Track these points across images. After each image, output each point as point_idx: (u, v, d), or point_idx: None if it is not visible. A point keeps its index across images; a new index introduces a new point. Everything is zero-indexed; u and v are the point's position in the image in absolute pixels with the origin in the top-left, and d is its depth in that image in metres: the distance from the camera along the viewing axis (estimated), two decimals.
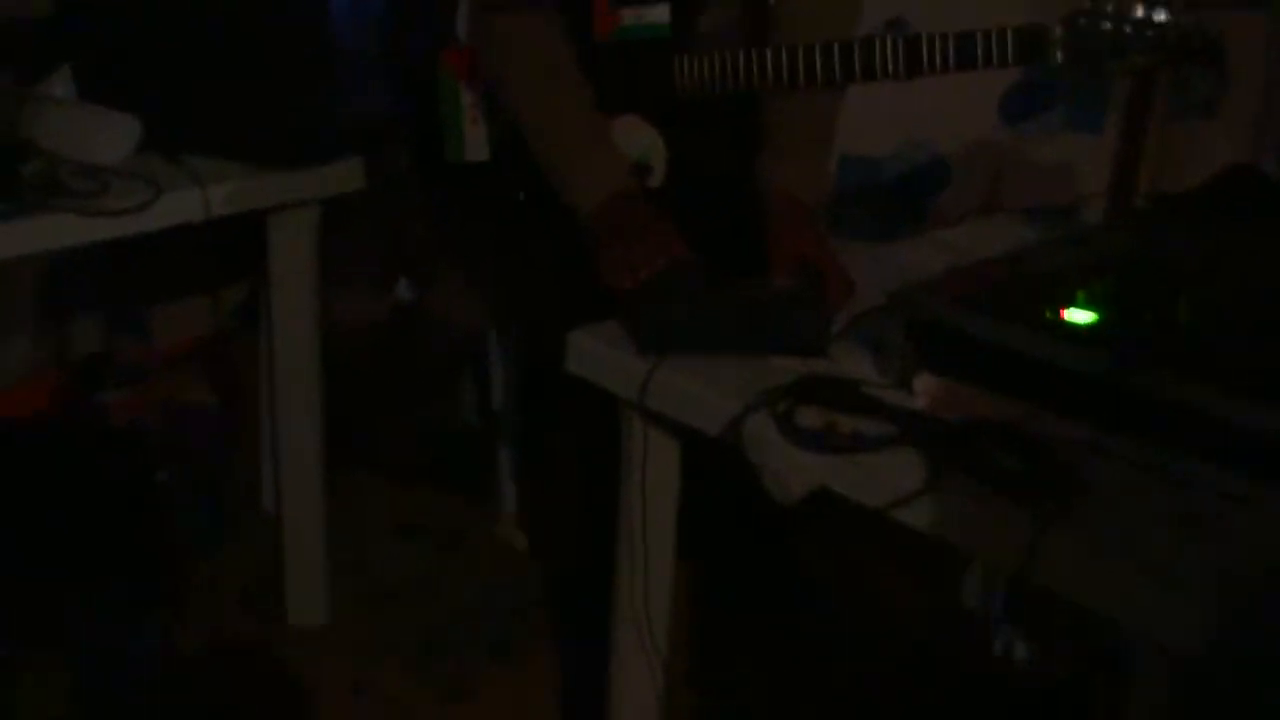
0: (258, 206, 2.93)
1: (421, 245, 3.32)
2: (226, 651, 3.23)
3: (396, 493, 3.80)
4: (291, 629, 3.32)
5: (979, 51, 2.45)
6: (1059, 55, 2.41)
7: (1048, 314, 2.11)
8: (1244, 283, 2.25)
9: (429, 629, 3.32)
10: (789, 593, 3.15)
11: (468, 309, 3.36)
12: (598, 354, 2.32)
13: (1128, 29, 2.36)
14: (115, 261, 3.72)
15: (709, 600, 3.01)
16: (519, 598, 3.36)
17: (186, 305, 3.93)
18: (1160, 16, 2.37)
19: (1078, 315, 2.11)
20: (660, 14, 2.66)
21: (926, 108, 2.68)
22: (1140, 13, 2.37)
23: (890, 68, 2.50)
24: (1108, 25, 2.37)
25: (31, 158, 2.69)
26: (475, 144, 2.85)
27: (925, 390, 2.11)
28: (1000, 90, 4.04)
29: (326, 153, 2.95)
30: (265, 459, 3.49)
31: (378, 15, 3.39)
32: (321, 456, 3.23)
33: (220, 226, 2.86)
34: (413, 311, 3.40)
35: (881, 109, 3.15)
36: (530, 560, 3.49)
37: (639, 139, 2.69)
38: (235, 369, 3.73)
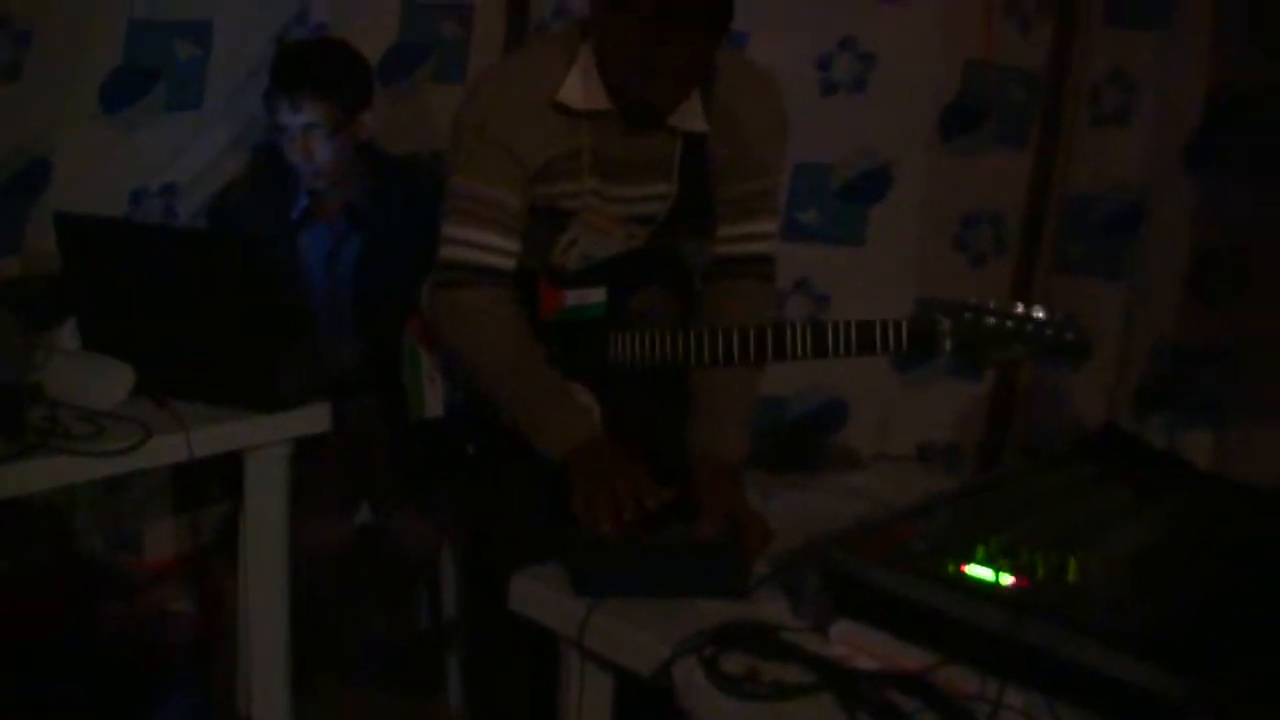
0: (234, 448, 2.82)
1: (383, 478, 3.19)
2: None
3: (358, 695, 3.59)
4: None
5: (877, 339, 2.40)
6: (948, 345, 2.36)
7: (950, 569, 1.99)
8: (1121, 543, 2.14)
9: None
10: None
11: (423, 534, 3.24)
12: (538, 595, 2.21)
13: (1009, 324, 2.31)
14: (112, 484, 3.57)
15: None
16: None
17: (175, 523, 3.76)
18: (1038, 314, 2.32)
19: (978, 571, 1.99)
20: (599, 295, 2.63)
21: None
22: (1020, 309, 2.33)
23: (800, 350, 2.46)
24: (991, 320, 2.31)
25: (36, 402, 2.61)
26: (432, 402, 2.78)
27: (841, 637, 1.98)
28: None
29: (296, 400, 2.83)
30: (240, 665, 3.29)
31: (349, 278, 3.27)
32: (289, 663, 3.07)
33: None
34: (373, 534, 3.26)
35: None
36: None
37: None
38: (216, 582, 3.55)
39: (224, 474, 3.07)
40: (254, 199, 3.36)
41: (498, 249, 2.54)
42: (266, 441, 2.84)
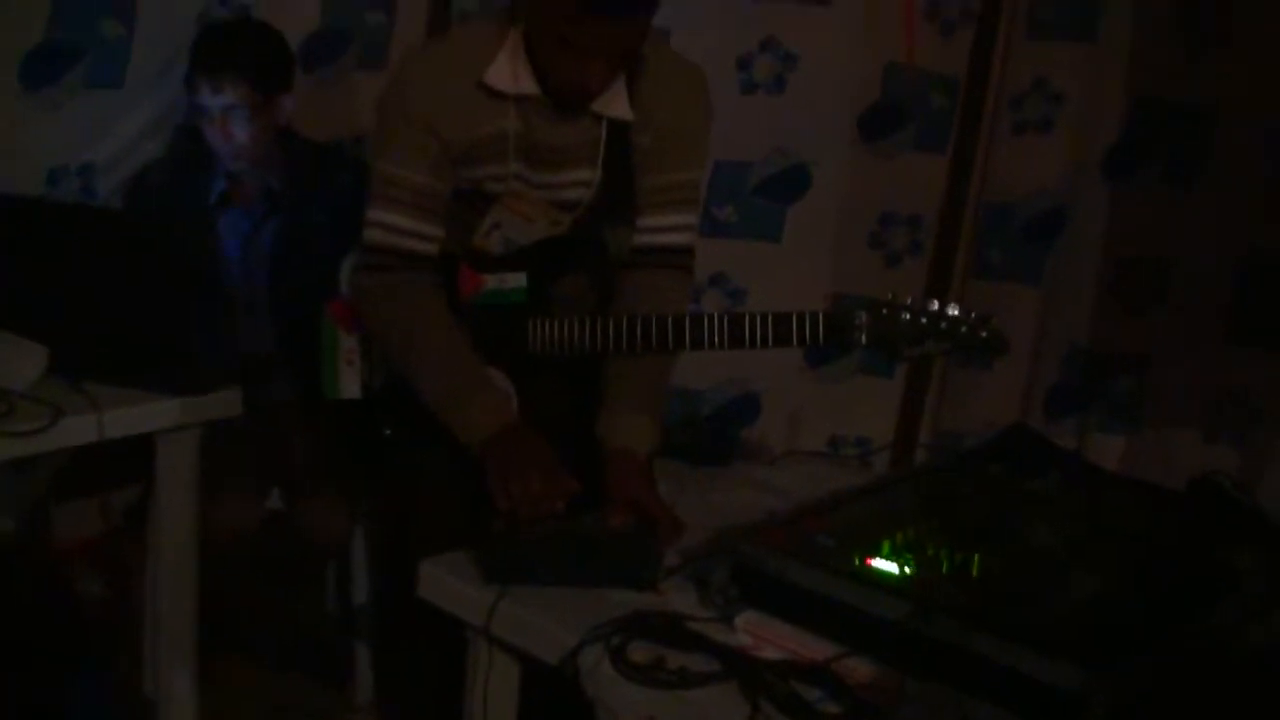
0: (146, 430, 2.79)
1: (295, 464, 3.17)
2: None
3: (266, 679, 3.57)
4: None
5: (794, 331, 2.39)
6: (863, 339, 2.35)
7: (856, 562, 2.01)
8: (1026, 540, 2.17)
9: None
10: None
11: (333, 519, 3.21)
12: (447, 582, 2.19)
13: (923, 320, 2.32)
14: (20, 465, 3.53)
15: None
16: None
17: (84, 505, 3.72)
18: (953, 311, 2.32)
19: (883, 565, 2.01)
20: (519, 280, 2.61)
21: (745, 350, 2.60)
22: (935, 306, 2.33)
23: (716, 340, 2.44)
24: (906, 316, 2.32)
25: None
26: (349, 384, 2.74)
27: (747, 627, 1.99)
28: None
29: (209, 384, 2.82)
30: (147, 647, 3.27)
31: (266, 262, 3.25)
32: (196, 646, 3.07)
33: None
34: (283, 519, 3.23)
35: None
36: None
37: None
38: (126, 564, 3.52)
39: (137, 456, 2.99)
40: (172, 181, 3.33)
41: (421, 234, 2.53)
42: (178, 425, 2.82)
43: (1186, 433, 3.76)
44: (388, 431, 2.71)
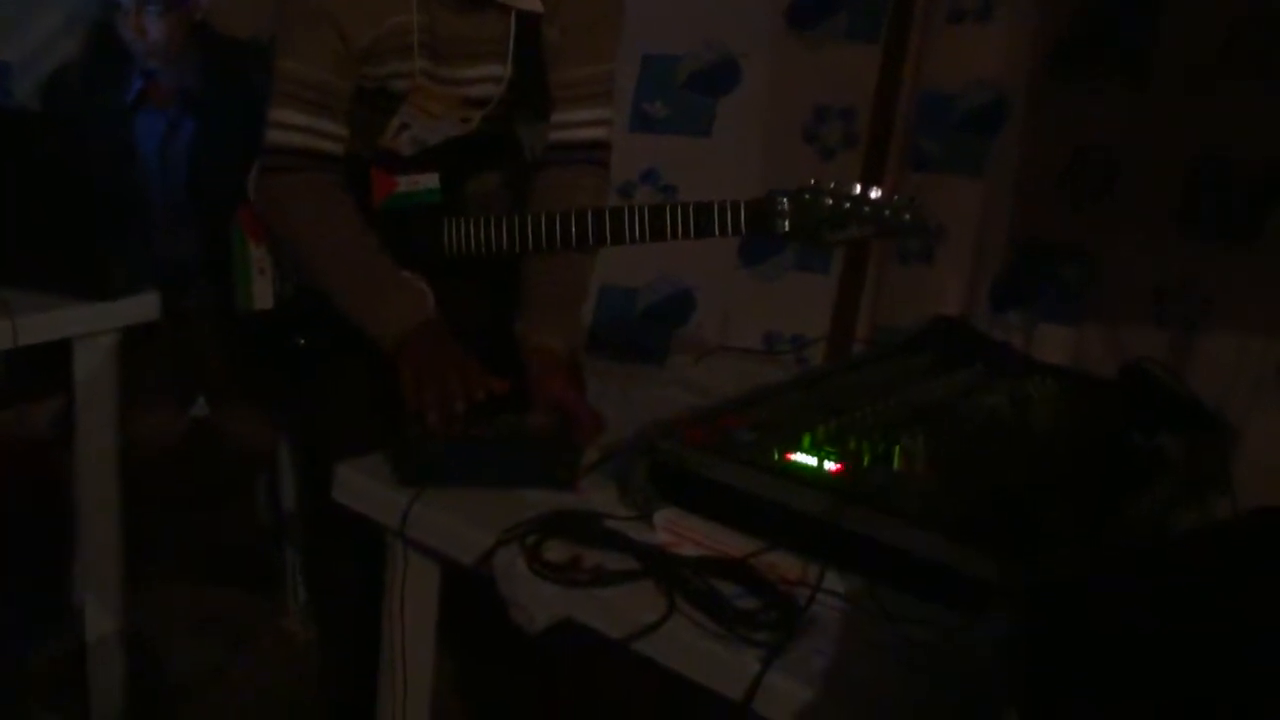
0: (60, 336, 2.74)
1: (217, 372, 3.12)
2: None
3: (194, 589, 3.54)
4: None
5: (715, 221, 2.34)
6: (784, 225, 2.30)
7: (775, 457, 1.99)
8: (949, 430, 2.15)
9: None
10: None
11: (257, 428, 3.17)
12: (361, 485, 2.16)
13: (846, 205, 2.27)
14: None
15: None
16: (302, 690, 3.11)
17: (7, 415, 3.66)
18: (874, 194, 2.28)
19: (802, 458, 1.98)
20: (431, 181, 2.55)
21: (678, 246, 2.56)
22: (857, 191, 2.29)
23: (637, 233, 2.40)
24: (828, 201, 2.28)
25: None
26: (261, 294, 2.68)
27: (665, 525, 1.96)
28: None
29: (125, 288, 2.77)
30: (77, 559, 3.23)
31: (185, 165, 3.18)
32: (121, 555, 3.02)
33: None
34: (208, 427, 3.19)
35: (638, 247, 3.05)
36: (315, 652, 3.25)
37: None
38: (55, 474, 3.46)
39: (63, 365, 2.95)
40: (88, 81, 3.26)
41: (324, 133, 2.47)
42: (94, 330, 2.77)
43: (1135, 323, 3.73)
44: (301, 340, 2.65)
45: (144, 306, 2.81)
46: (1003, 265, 3.88)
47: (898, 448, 2.01)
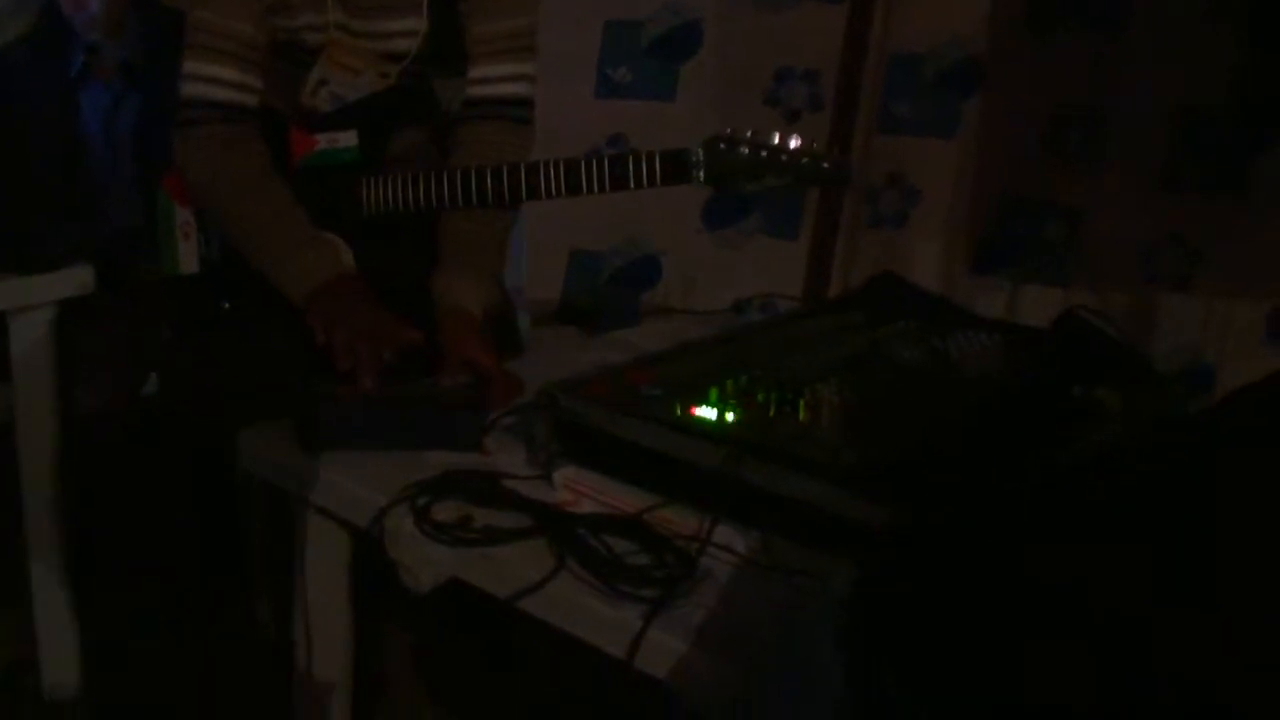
0: None
1: (166, 344, 3.07)
2: None
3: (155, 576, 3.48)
4: (46, 704, 3.03)
5: (630, 173, 2.28)
6: (700, 175, 2.25)
7: (678, 411, 1.93)
8: (863, 383, 2.08)
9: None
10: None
11: (208, 402, 3.11)
12: (264, 450, 2.12)
13: (763, 154, 2.22)
14: None
15: None
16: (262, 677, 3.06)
17: None
18: (794, 143, 2.23)
19: (705, 412, 1.92)
20: (350, 138, 2.51)
21: (644, 212, 2.51)
22: (776, 139, 2.24)
23: (553, 189, 2.34)
24: (744, 150, 2.23)
25: None
26: (187, 258, 2.63)
27: (564, 482, 1.91)
28: (703, 198, 3.90)
29: (58, 261, 2.72)
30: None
31: (130, 136, 3.15)
32: (63, 539, 2.97)
33: None
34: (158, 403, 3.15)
35: (604, 212, 3.00)
36: (274, 643, 3.22)
37: None
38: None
39: None
40: (33, 58, 3.22)
41: (236, 84, 2.44)
42: (26, 304, 2.73)
43: (1124, 280, 3.68)
44: (226, 305, 2.62)
45: (78, 279, 2.76)
46: (985, 226, 3.82)
47: (802, 400, 1.95)
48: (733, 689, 1.55)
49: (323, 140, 2.51)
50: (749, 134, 2.24)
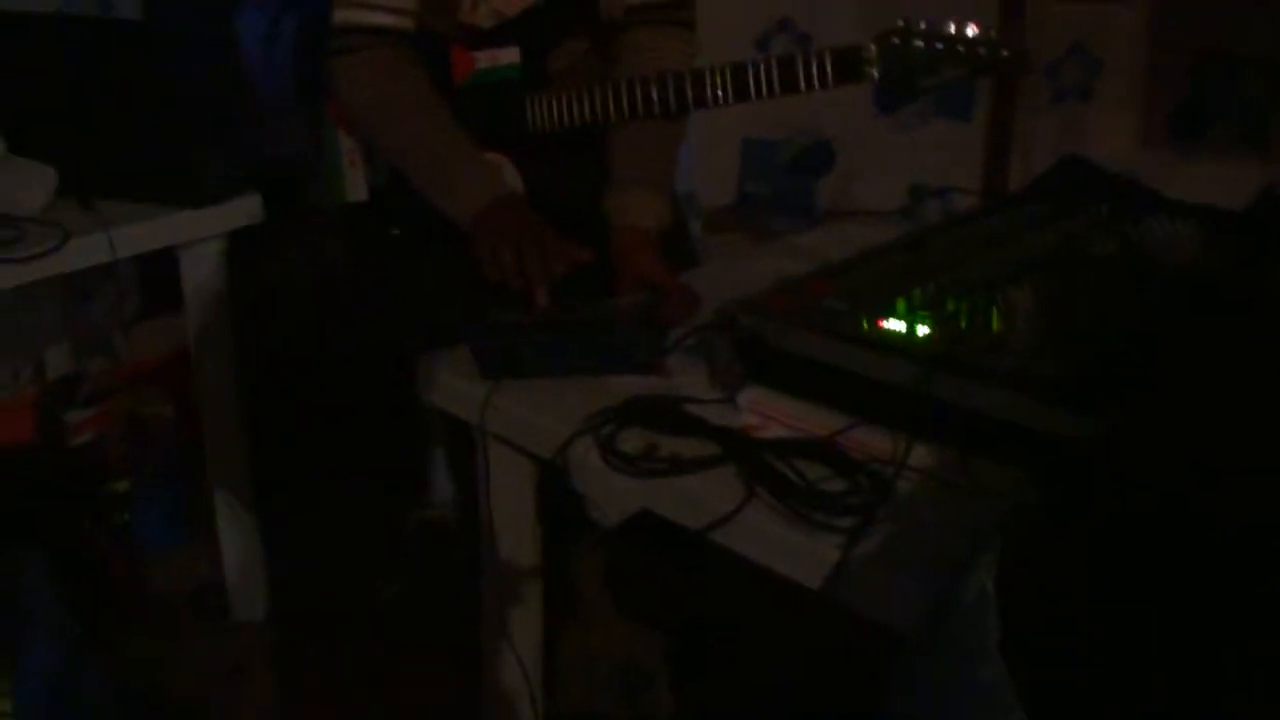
0: (160, 245, 2.72)
1: (341, 271, 3.07)
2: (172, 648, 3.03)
3: (349, 493, 3.51)
4: (233, 624, 3.11)
5: (800, 75, 2.19)
6: (875, 73, 2.15)
7: (865, 326, 1.86)
8: (1058, 284, 1.99)
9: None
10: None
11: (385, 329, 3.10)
12: (441, 379, 2.07)
13: (939, 45, 2.11)
14: (80, 291, 3.52)
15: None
16: (447, 586, 3.08)
17: (152, 326, 3.69)
18: (970, 31, 2.11)
19: (893, 325, 1.85)
20: (511, 55, 2.45)
21: (814, 97, 2.43)
22: (952, 29, 2.11)
23: (720, 95, 2.26)
24: (919, 43, 2.11)
25: None
26: (355, 186, 2.62)
27: (749, 405, 1.85)
28: None
29: (222, 192, 2.74)
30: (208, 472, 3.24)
31: (290, 57, 3.12)
32: (245, 468, 3.03)
33: None
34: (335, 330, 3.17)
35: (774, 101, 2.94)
36: (459, 547, 3.22)
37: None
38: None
39: None
40: None
41: (391, 7, 2.40)
42: (194, 238, 2.75)
43: None
44: (395, 231, 2.59)
45: (245, 210, 2.78)
46: (1179, 93, 3.66)
47: (995, 307, 1.86)
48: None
49: (484, 58, 2.45)
50: (922, 24, 2.13)
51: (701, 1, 2.54)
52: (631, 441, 1.80)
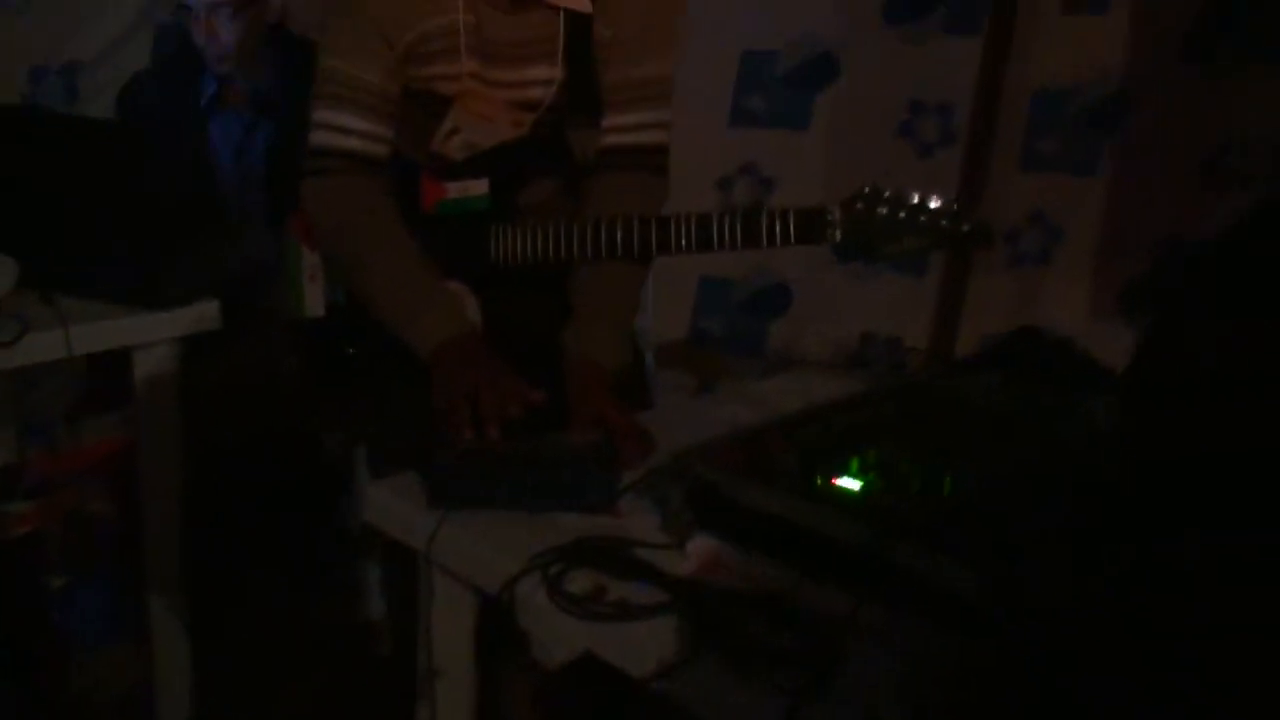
0: (116, 345, 2.72)
1: (291, 384, 3.06)
2: None
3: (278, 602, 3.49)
4: None
5: (763, 232, 2.24)
6: (836, 236, 2.20)
7: (819, 482, 1.86)
8: (1012, 453, 2.00)
9: None
10: None
11: (334, 435, 3.10)
12: (390, 505, 2.07)
13: (901, 214, 2.15)
14: (26, 380, 3.49)
15: None
16: (378, 700, 3.05)
17: (95, 420, 3.66)
18: (934, 204, 2.16)
19: (848, 483, 1.86)
20: (481, 187, 2.48)
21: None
22: (915, 199, 2.16)
23: (684, 243, 2.30)
24: (883, 210, 2.16)
25: None
26: (314, 300, 2.63)
27: (698, 553, 1.85)
28: None
29: (181, 298, 2.75)
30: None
31: (261, 167, 3.15)
32: (182, 571, 3.01)
33: None
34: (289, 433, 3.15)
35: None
36: (391, 663, 3.20)
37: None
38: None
39: None
40: (161, 87, 3.24)
41: (366, 134, 2.42)
42: (150, 340, 2.75)
43: None
44: (350, 350, 2.60)
45: (204, 315, 2.78)
46: (1138, 267, 3.73)
47: (948, 475, 1.88)
48: None
49: (454, 188, 2.48)
50: (887, 192, 2.17)
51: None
52: (579, 582, 1.80)
